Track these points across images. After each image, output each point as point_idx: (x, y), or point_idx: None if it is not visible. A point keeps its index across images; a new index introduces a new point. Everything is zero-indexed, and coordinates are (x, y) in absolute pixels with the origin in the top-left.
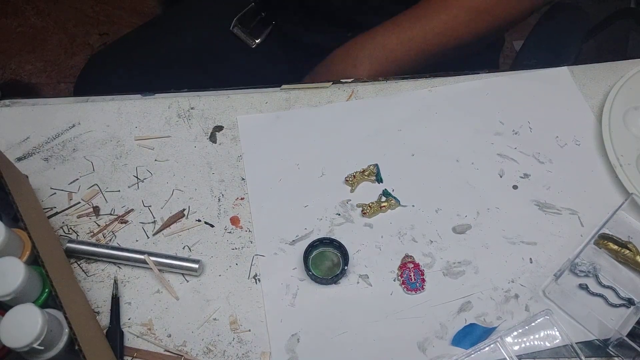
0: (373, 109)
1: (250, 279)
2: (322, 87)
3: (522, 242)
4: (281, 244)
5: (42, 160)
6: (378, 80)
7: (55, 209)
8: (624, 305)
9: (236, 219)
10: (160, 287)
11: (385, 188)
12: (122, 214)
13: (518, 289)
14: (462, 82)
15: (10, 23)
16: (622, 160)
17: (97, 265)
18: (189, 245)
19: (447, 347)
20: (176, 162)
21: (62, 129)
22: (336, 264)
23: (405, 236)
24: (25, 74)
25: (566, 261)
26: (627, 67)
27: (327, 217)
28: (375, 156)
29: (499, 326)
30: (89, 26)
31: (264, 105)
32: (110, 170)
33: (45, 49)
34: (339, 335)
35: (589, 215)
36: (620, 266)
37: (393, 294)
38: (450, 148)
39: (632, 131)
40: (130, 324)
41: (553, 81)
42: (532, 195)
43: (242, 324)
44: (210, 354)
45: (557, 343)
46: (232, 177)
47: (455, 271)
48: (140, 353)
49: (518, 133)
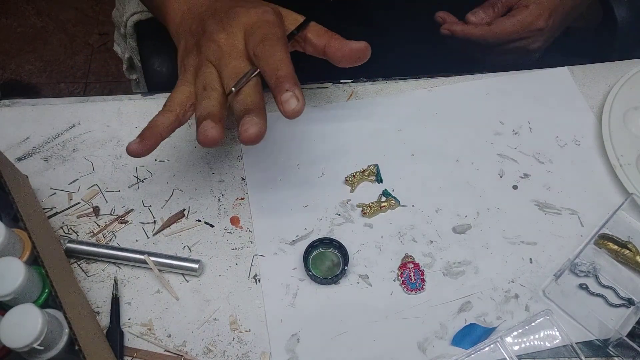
0: (373, 109)
1: (250, 279)
2: (322, 87)
3: (522, 242)
4: (281, 244)
5: (42, 161)
6: (378, 81)
7: (55, 209)
8: (624, 305)
9: (236, 219)
10: (160, 287)
11: (385, 188)
12: (122, 214)
13: (518, 289)
14: (462, 82)
15: (10, 23)
16: (622, 160)
17: (97, 265)
18: (189, 245)
19: (447, 347)
20: (176, 162)
21: (62, 129)
22: (336, 264)
23: (405, 236)
24: (25, 74)
25: (566, 261)
26: (627, 67)
27: (327, 217)
28: (375, 156)
29: (499, 326)
30: (89, 26)
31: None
32: (110, 170)
33: (45, 49)
34: (339, 335)
35: (589, 215)
36: (620, 266)
37: (393, 294)
38: (450, 148)
39: (632, 131)
40: (130, 324)
41: (553, 81)
42: (532, 195)
43: (242, 324)
44: (210, 354)
45: (557, 343)
46: (232, 177)
47: (455, 271)
48: (140, 353)
49: (518, 133)
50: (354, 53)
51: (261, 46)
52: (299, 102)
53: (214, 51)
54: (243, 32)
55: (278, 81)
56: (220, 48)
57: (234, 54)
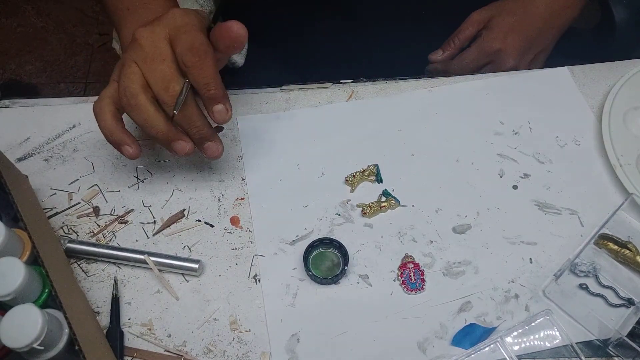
0: (373, 109)
1: (250, 279)
2: (322, 87)
3: (522, 242)
4: (281, 244)
5: (42, 161)
6: (378, 81)
7: (55, 209)
8: (624, 305)
9: (236, 219)
10: (160, 287)
11: (385, 188)
12: (122, 214)
13: (518, 289)
14: (462, 82)
15: (10, 23)
16: (622, 160)
17: (97, 265)
18: (189, 245)
19: (447, 347)
20: (176, 162)
21: (63, 129)
22: (336, 264)
23: (405, 236)
24: (25, 74)
25: (566, 261)
26: (627, 67)
27: (327, 217)
28: (375, 156)
29: (499, 326)
30: (89, 26)
31: (264, 105)
32: (111, 171)
33: (45, 49)
34: (339, 335)
35: (589, 215)
36: (620, 266)
37: (393, 294)
38: (450, 148)
39: (632, 131)
40: (130, 324)
41: (553, 81)
42: (532, 195)
43: (242, 324)
44: (210, 354)
45: (557, 343)
46: (232, 177)
47: (455, 271)
48: (140, 353)
49: (518, 133)
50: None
51: (189, 56)
52: (229, 112)
53: (137, 51)
54: (167, 32)
55: (211, 97)
56: (143, 48)
57: (157, 57)
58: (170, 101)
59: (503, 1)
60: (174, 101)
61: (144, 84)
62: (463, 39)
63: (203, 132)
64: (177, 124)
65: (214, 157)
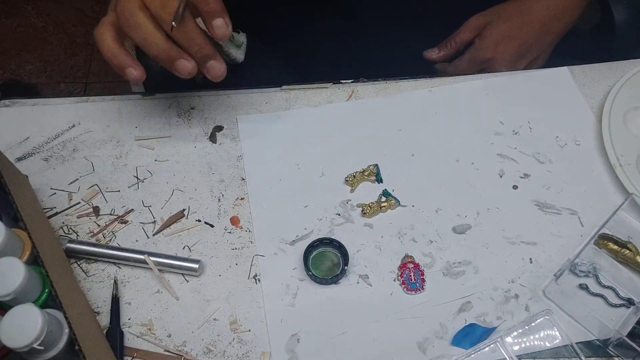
0: (373, 109)
1: (250, 279)
2: (322, 87)
3: (522, 242)
4: (281, 244)
5: (42, 161)
6: (378, 81)
7: (55, 209)
8: (624, 305)
9: (236, 219)
10: (160, 287)
11: (385, 188)
12: (122, 214)
13: (518, 289)
14: (462, 82)
15: (10, 23)
16: (622, 160)
17: (97, 265)
18: (189, 245)
19: (447, 347)
20: (176, 162)
21: (62, 129)
22: (336, 264)
23: (405, 236)
24: (25, 74)
25: (566, 261)
26: (627, 67)
27: (327, 217)
28: (375, 156)
29: (499, 326)
30: (89, 26)
31: (264, 105)
32: (110, 170)
33: (45, 49)
34: (339, 335)
35: (589, 215)
36: (620, 266)
37: (393, 294)
38: (450, 148)
39: (632, 131)
40: (130, 324)
41: (553, 81)
42: (532, 195)
43: (242, 324)
44: (210, 354)
45: (557, 343)
46: (232, 177)
47: (455, 271)
48: (140, 353)
49: (518, 133)
50: None
51: None
52: (229, 27)
53: None
54: None
55: (210, 11)
56: None
57: None
58: (168, 18)
59: (502, 5)
60: (172, 18)
61: (142, 4)
62: (459, 42)
63: (204, 50)
64: (177, 43)
65: (217, 77)
